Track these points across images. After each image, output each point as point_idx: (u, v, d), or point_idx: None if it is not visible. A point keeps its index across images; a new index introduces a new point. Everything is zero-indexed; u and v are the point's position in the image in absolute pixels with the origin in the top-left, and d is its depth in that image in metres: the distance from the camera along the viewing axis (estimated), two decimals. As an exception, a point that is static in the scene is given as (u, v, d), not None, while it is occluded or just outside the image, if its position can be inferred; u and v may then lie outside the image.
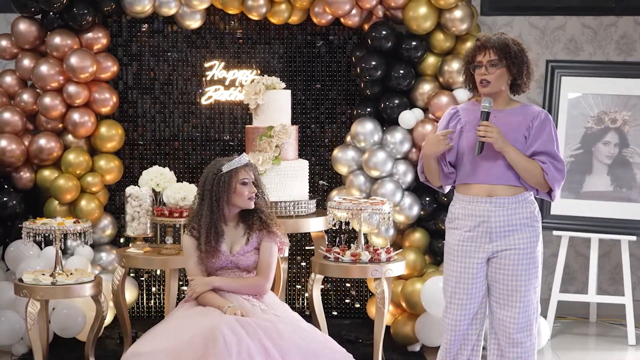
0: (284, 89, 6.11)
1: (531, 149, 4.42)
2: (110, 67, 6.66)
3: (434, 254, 6.60)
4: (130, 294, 6.59)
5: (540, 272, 4.52)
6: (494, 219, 4.44)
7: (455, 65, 6.52)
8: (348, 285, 7.03)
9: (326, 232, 6.30)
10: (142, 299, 7.00)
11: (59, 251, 5.59)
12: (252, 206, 4.72)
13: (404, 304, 6.29)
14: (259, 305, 4.60)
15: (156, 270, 6.93)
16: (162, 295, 6.98)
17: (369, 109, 6.68)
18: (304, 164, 6.09)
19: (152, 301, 7.03)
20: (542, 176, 4.40)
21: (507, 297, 4.47)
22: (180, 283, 6.43)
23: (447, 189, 4.71)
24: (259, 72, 6.90)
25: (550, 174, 4.40)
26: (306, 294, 6.82)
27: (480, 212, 4.46)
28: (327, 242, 6.20)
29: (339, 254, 5.70)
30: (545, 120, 4.44)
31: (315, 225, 6.02)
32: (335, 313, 7.01)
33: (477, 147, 4.43)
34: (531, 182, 4.42)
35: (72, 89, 6.49)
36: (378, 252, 5.71)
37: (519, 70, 4.43)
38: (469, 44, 6.58)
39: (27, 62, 6.59)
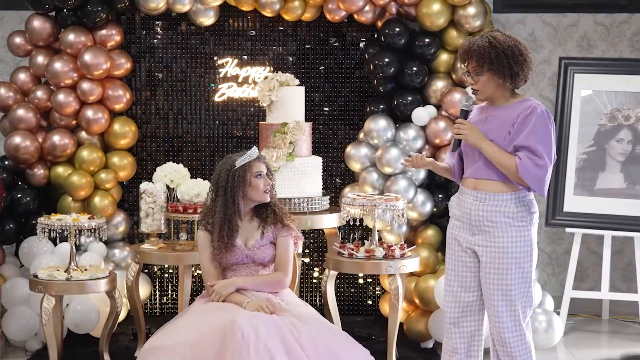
0: (298, 85, 6.11)
1: (513, 144, 4.41)
2: (124, 64, 6.68)
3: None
4: (144, 291, 6.60)
5: (527, 272, 4.45)
6: (474, 212, 4.47)
7: (468, 62, 6.51)
8: (358, 282, 7.03)
9: (339, 229, 6.30)
10: (155, 295, 7.01)
11: (74, 247, 5.60)
12: (268, 199, 4.73)
13: (417, 301, 6.29)
14: (279, 301, 4.62)
15: (170, 267, 6.94)
16: (175, 292, 6.99)
17: (382, 106, 6.68)
18: (318, 160, 6.09)
19: (165, 298, 7.04)
20: (516, 171, 4.35)
21: (491, 295, 4.48)
22: (194, 280, 6.43)
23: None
24: (272, 69, 6.91)
25: (522, 169, 4.32)
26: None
27: (465, 203, 4.52)
28: (340, 239, 6.21)
29: (353, 250, 5.71)
30: (531, 114, 4.39)
31: (329, 222, 6.02)
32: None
33: (453, 144, 4.57)
34: (509, 177, 4.40)
35: (85, 85, 6.51)
36: (392, 248, 5.72)
37: (502, 74, 4.41)
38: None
39: (41, 59, 6.61)
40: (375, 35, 6.83)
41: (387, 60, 6.56)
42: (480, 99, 4.55)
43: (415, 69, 6.57)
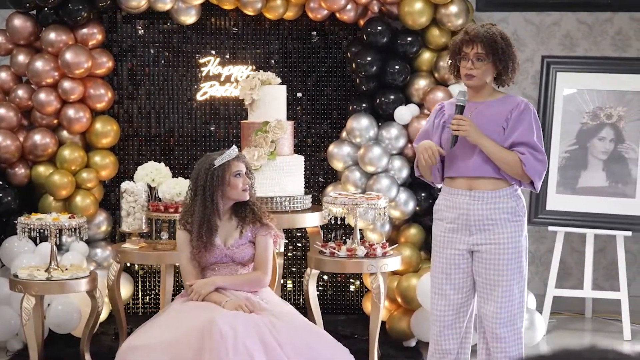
0: (280, 84, 6.10)
1: (510, 140, 4.41)
2: (105, 63, 6.65)
3: (429, 250, 6.56)
4: (125, 290, 6.58)
5: (524, 267, 4.49)
6: (473, 212, 4.44)
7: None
8: (340, 282, 7.03)
9: (321, 228, 6.29)
10: (138, 295, 6.99)
11: (54, 247, 5.58)
12: (247, 197, 4.72)
13: (399, 300, 6.29)
14: (258, 300, 4.60)
15: (151, 266, 6.92)
16: (158, 291, 6.96)
17: (364, 105, 6.67)
18: (300, 159, 6.08)
19: (148, 297, 7.02)
20: (521, 167, 4.38)
21: (489, 291, 4.47)
22: (176, 279, 6.41)
23: (439, 185, 4.71)
24: (254, 67, 6.89)
25: (529, 165, 4.37)
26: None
27: (460, 205, 4.48)
28: (322, 238, 6.20)
29: (334, 249, 5.70)
30: (525, 111, 4.43)
31: (311, 221, 6.01)
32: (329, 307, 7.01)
33: (450, 141, 4.47)
34: (510, 173, 4.41)
35: (67, 84, 6.48)
36: (374, 247, 5.71)
37: (505, 66, 4.42)
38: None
39: (22, 58, 6.58)
40: (358, 34, 6.82)
41: (369, 58, 6.55)
42: (473, 85, 4.48)
43: (397, 67, 6.56)
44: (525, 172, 4.38)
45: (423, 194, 6.58)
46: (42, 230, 5.54)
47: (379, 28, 6.55)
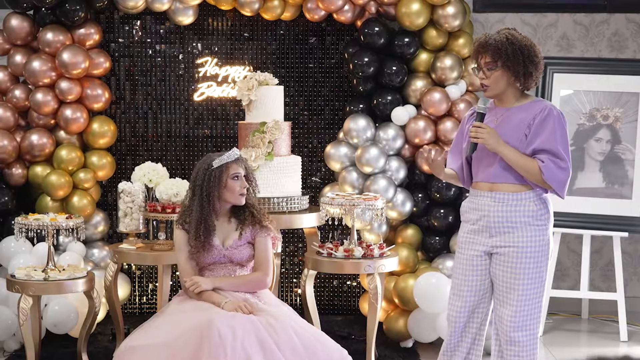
0: (277, 85, 6.11)
1: (531, 147, 4.36)
2: (103, 63, 6.65)
3: (426, 250, 6.61)
4: (123, 291, 6.58)
5: (543, 272, 4.44)
6: (493, 214, 4.43)
7: (447, 61, 6.53)
8: (335, 283, 7.04)
9: (319, 228, 6.29)
10: (135, 295, 6.99)
11: (52, 247, 5.57)
12: (243, 202, 4.71)
13: (396, 300, 6.29)
14: (256, 301, 4.60)
15: (148, 266, 6.92)
16: (155, 291, 6.97)
17: (361, 106, 6.68)
18: (297, 160, 6.09)
19: (145, 297, 7.02)
20: (541, 175, 4.33)
21: (505, 294, 4.46)
22: (173, 279, 6.42)
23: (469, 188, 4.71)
24: (251, 68, 6.90)
25: (548, 174, 4.32)
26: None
27: (482, 206, 4.46)
28: (319, 238, 6.21)
29: (332, 249, 5.70)
30: (549, 117, 4.36)
31: (308, 221, 6.01)
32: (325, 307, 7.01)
33: (469, 148, 4.47)
34: (532, 180, 4.37)
35: (64, 85, 6.48)
36: (371, 247, 5.71)
37: (515, 71, 4.37)
38: (461, 41, 6.61)
39: (19, 58, 6.58)
40: (355, 35, 6.83)
41: (366, 59, 6.56)
42: (489, 96, 4.47)
43: (394, 68, 6.57)
44: (545, 180, 4.33)
45: (420, 195, 6.59)
46: (39, 231, 5.53)
47: (376, 29, 6.56)
